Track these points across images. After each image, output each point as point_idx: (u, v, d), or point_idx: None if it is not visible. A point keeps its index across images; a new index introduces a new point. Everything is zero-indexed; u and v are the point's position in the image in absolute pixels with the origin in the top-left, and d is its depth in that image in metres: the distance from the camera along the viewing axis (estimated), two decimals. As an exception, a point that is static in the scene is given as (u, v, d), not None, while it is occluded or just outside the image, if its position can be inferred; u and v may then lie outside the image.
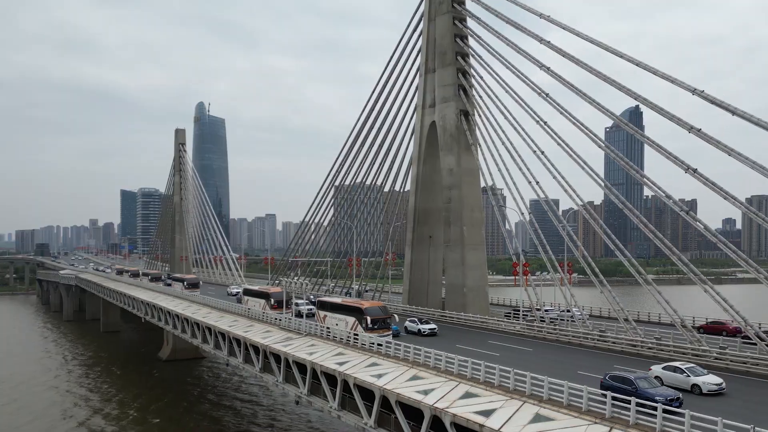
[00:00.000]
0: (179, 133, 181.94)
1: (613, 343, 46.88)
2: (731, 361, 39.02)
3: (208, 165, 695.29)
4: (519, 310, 64.23)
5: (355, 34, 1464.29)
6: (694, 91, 43.27)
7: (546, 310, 60.26)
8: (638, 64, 48.27)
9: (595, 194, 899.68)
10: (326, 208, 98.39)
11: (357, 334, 50.45)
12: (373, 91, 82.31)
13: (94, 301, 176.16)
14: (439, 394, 33.80)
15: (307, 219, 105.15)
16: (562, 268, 56.38)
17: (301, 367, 47.44)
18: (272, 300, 69.19)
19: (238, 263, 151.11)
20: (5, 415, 78.06)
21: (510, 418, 29.09)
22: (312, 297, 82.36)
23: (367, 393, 38.55)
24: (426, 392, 34.24)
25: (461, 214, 65.94)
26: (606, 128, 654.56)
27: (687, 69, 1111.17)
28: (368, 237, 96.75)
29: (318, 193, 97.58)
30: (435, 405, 32.05)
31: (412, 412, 34.53)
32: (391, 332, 53.11)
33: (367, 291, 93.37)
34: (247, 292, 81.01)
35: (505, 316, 65.04)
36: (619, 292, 54.84)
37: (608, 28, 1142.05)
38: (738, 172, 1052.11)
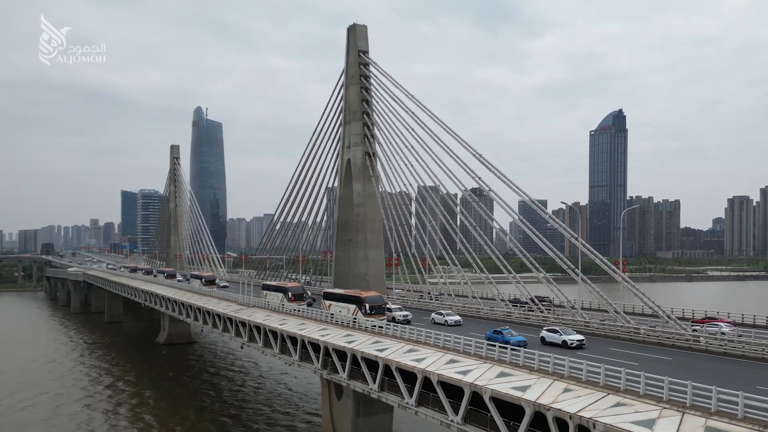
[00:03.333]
0: (174, 149, 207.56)
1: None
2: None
3: (206, 167, 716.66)
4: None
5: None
6: (479, 156, 70.26)
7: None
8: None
9: (582, 195, 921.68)
10: (284, 217, 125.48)
11: (356, 319, 58.62)
12: (314, 133, 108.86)
13: (98, 295, 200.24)
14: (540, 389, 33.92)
15: (271, 223, 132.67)
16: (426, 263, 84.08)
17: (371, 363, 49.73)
18: (290, 293, 78.68)
19: (222, 261, 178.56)
20: (47, 382, 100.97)
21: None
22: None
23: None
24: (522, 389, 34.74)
25: (365, 225, 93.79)
26: (591, 131, 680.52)
27: (682, 69, 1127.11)
28: (313, 239, 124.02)
29: (277, 207, 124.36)
30: (580, 413, 29.72)
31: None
32: (385, 317, 60.11)
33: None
34: (266, 287, 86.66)
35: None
36: (602, 288, 62.47)
37: (603, 29, 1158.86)
38: (722, 173, 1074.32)
